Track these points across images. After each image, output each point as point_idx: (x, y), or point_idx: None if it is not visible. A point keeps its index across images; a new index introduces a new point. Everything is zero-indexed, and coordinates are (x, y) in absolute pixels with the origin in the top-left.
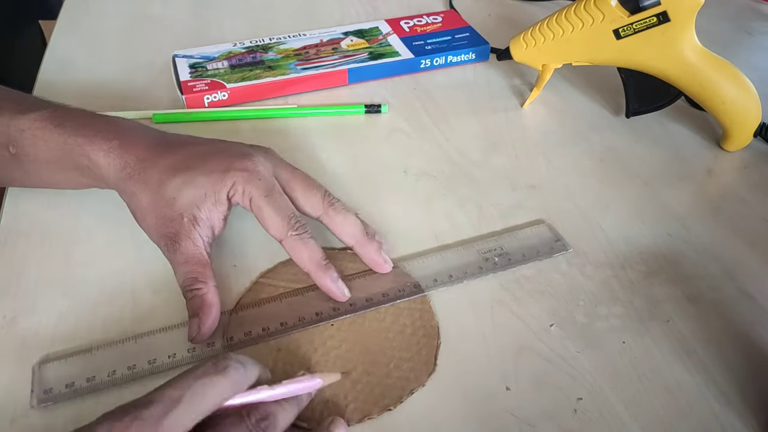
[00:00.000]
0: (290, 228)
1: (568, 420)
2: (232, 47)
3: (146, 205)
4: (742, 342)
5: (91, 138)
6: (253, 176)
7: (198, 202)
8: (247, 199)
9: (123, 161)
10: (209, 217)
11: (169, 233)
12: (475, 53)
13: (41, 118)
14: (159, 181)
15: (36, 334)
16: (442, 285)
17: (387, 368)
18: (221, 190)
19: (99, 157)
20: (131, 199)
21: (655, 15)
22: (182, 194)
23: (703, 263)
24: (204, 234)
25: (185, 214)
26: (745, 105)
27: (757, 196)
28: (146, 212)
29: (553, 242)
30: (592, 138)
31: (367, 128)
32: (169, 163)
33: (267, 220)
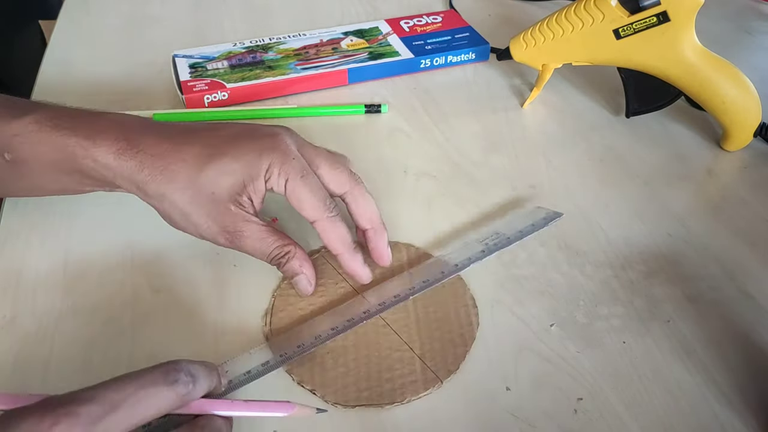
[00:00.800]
0: (326, 209)
1: (569, 420)
2: (232, 47)
3: (184, 206)
4: (742, 342)
5: (95, 138)
6: (288, 156)
7: (239, 189)
8: (283, 179)
9: (137, 161)
10: (251, 198)
11: (226, 227)
12: (475, 53)
13: (36, 120)
14: (189, 178)
15: (35, 333)
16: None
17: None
18: (258, 173)
19: (108, 160)
20: (161, 203)
21: (655, 15)
22: (220, 186)
23: (703, 263)
24: (253, 212)
25: (231, 204)
26: (745, 105)
27: (757, 196)
28: (188, 213)
29: (545, 213)
30: (592, 138)
31: (367, 128)
32: (193, 154)
33: (304, 202)
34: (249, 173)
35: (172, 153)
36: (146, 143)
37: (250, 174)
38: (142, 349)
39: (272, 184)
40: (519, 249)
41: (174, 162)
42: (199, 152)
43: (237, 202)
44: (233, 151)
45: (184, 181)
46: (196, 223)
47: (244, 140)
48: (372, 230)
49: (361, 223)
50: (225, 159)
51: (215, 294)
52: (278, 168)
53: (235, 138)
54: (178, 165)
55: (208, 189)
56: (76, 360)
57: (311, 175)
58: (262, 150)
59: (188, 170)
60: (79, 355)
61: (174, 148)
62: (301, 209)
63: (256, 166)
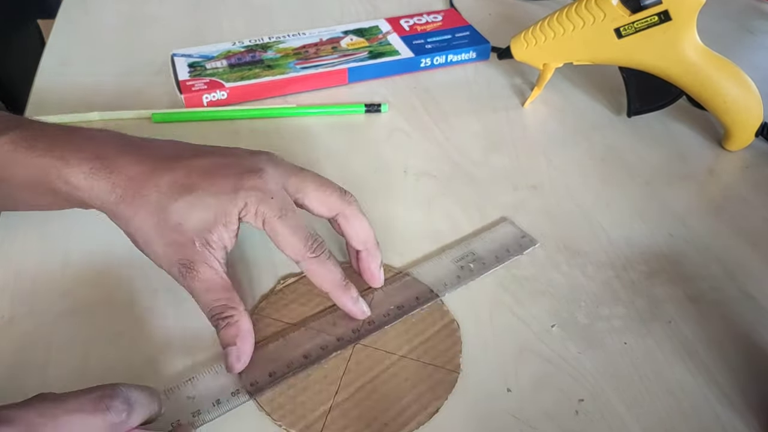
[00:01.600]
0: (308, 250)
1: (570, 421)
2: (231, 46)
3: (148, 230)
4: (743, 343)
5: (68, 158)
6: (266, 195)
7: (209, 226)
8: (260, 220)
9: (110, 183)
10: (221, 238)
11: (182, 260)
12: (476, 52)
13: (12, 140)
14: (159, 205)
15: (34, 334)
16: (425, 302)
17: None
18: (232, 211)
19: (79, 180)
20: (127, 224)
21: (656, 14)
22: (190, 218)
23: (704, 263)
24: (219, 256)
25: (197, 239)
26: (746, 104)
27: (758, 196)
28: (150, 239)
29: (520, 239)
30: (593, 137)
31: (367, 128)
32: (168, 182)
33: (283, 242)
34: (223, 210)
35: (147, 178)
36: (121, 164)
37: (224, 211)
38: (140, 350)
39: (249, 220)
40: None
41: (147, 188)
42: (174, 181)
43: (204, 240)
44: (209, 186)
45: (153, 207)
46: (155, 251)
47: (224, 174)
48: (365, 252)
49: (354, 245)
50: (199, 192)
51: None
52: (255, 207)
53: (213, 170)
54: (151, 191)
55: (176, 219)
56: (75, 360)
57: (291, 214)
58: (240, 188)
59: (160, 198)
60: (77, 355)
61: (150, 173)
62: (283, 249)
63: (231, 203)
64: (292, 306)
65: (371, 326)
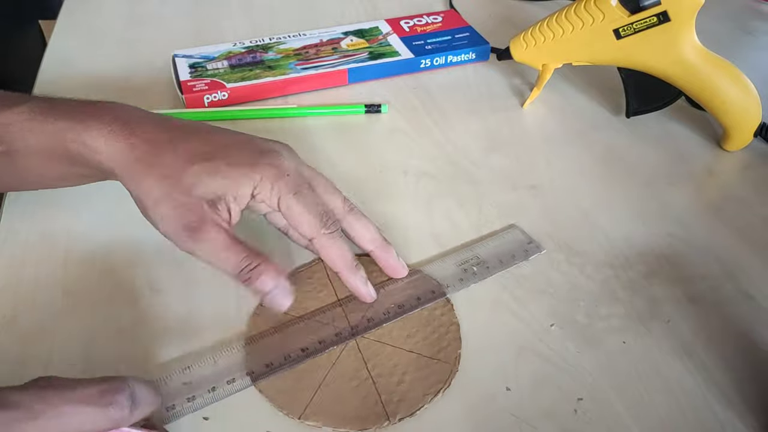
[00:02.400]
0: (323, 225)
1: (569, 420)
2: (232, 47)
3: (158, 192)
4: (742, 342)
5: (86, 122)
6: (281, 173)
7: (220, 193)
8: (275, 197)
9: (128, 143)
10: (228, 207)
11: (189, 223)
12: (476, 53)
13: (30, 109)
14: (174, 167)
15: (35, 333)
16: (427, 302)
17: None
18: (247, 183)
19: (98, 143)
20: (138, 185)
21: (655, 15)
22: (202, 183)
23: (703, 263)
24: (225, 218)
25: (205, 200)
26: (745, 105)
27: (757, 196)
28: (158, 201)
29: (526, 245)
30: (592, 138)
31: (367, 128)
32: (187, 149)
33: (298, 218)
34: (237, 181)
35: (165, 144)
36: (141, 129)
37: (238, 182)
38: (142, 348)
39: (263, 198)
40: None
41: (165, 153)
42: (193, 149)
43: (213, 203)
44: (226, 157)
45: (168, 170)
46: (162, 213)
47: (242, 150)
48: (377, 249)
49: (363, 246)
50: (216, 161)
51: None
52: (270, 183)
53: (232, 145)
54: (168, 156)
55: (189, 182)
56: (76, 359)
57: (306, 192)
58: (257, 163)
59: (176, 161)
60: (79, 354)
61: (169, 140)
62: (297, 226)
63: (246, 176)
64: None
65: (370, 323)
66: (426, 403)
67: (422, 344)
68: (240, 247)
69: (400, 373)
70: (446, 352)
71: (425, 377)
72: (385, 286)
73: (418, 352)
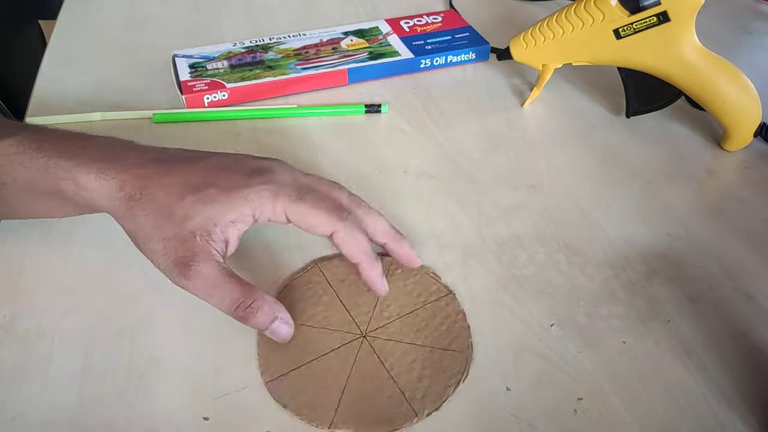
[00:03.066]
0: (340, 219)
1: (569, 420)
2: (232, 47)
3: (149, 227)
4: (742, 342)
5: (76, 158)
6: (279, 188)
7: (215, 220)
8: (281, 211)
9: (119, 181)
10: (224, 233)
11: (181, 258)
12: (475, 53)
13: (17, 143)
14: (165, 202)
15: (35, 333)
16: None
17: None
18: (243, 209)
19: (89, 180)
20: (131, 222)
21: (655, 15)
22: (196, 214)
23: (703, 263)
24: (219, 249)
25: (197, 232)
26: (745, 105)
27: (757, 196)
28: (149, 236)
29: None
30: (592, 138)
31: (367, 128)
32: (178, 182)
33: (310, 220)
34: (233, 206)
35: (155, 177)
36: (130, 164)
37: (234, 207)
38: (142, 349)
39: (268, 217)
40: (519, 249)
41: (154, 186)
42: (185, 182)
43: (207, 233)
44: (220, 184)
45: (159, 205)
46: (153, 248)
47: (234, 173)
48: (391, 241)
49: (376, 240)
50: (209, 190)
51: None
52: (271, 204)
53: (223, 170)
54: (157, 189)
55: (181, 214)
56: (76, 360)
57: (310, 193)
58: (251, 185)
59: (167, 196)
60: (78, 355)
61: (160, 173)
62: (314, 229)
63: (242, 199)
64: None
65: (380, 323)
66: (450, 395)
67: (433, 337)
68: (233, 284)
69: (419, 369)
70: (458, 342)
71: (443, 369)
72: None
73: (431, 345)
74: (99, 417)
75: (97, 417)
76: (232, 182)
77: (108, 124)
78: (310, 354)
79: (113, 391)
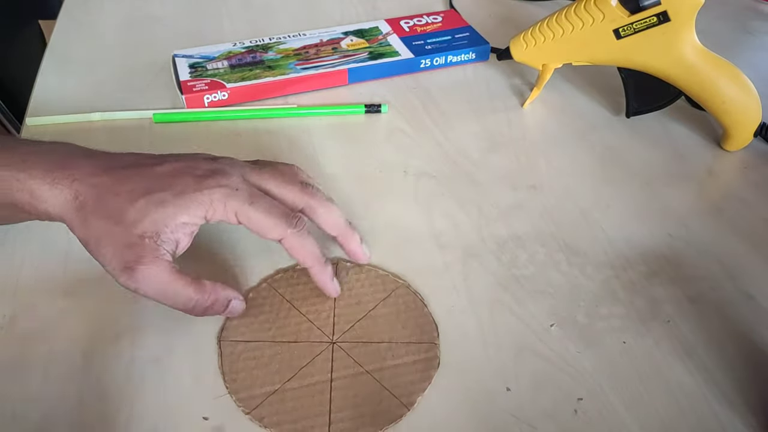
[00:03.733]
0: (289, 225)
1: (569, 420)
2: (232, 47)
3: (100, 233)
4: (742, 342)
5: (30, 169)
6: (231, 189)
7: (166, 221)
8: (232, 213)
9: (73, 191)
10: (174, 234)
11: (129, 260)
12: (475, 53)
13: None
14: (117, 209)
15: (35, 333)
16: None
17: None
18: (194, 210)
19: (43, 191)
20: (84, 229)
21: (655, 15)
22: (146, 217)
23: (703, 263)
24: (169, 249)
25: (146, 234)
26: (745, 105)
27: (757, 196)
28: (101, 241)
29: None
30: (592, 138)
31: (367, 128)
32: (131, 188)
33: (262, 226)
34: (184, 208)
35: (108, 185)
36: (84, 173)
37: (186, 209)
38: (142, 349)
39: (220, 217)
40: (519, 249)
41: (108, 194)
42: (134, 188)
43: (156, 235)
44: (170, 188)
45: (111, 211)
46: (103, 253)
47: (185, 176)
48: (341, 235)
49: (327, 231)
50: (160, 194)
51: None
52: (223, 204)
53: (175, 174)
54: (110, 197)
55: (132, 218)
56: (76, 360)
57: (261, 198)
58: (202, 187)
59: (119, 202)
60: (78, 355)
61: (113, 181)
62: (263, 233)
63: (194, 201)
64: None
65: (345, 328)
66: (429, 382)
67: (400, 331)
68: (183, 282)
69: (396, 363)
70: (426, 330)
71: (419, 359)
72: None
73: (401, 340)
74: (99, 417)
75: (97, 417)
76: (184, 185)
77: (108, 125)
78: (285, 372)
79: (113, 391)
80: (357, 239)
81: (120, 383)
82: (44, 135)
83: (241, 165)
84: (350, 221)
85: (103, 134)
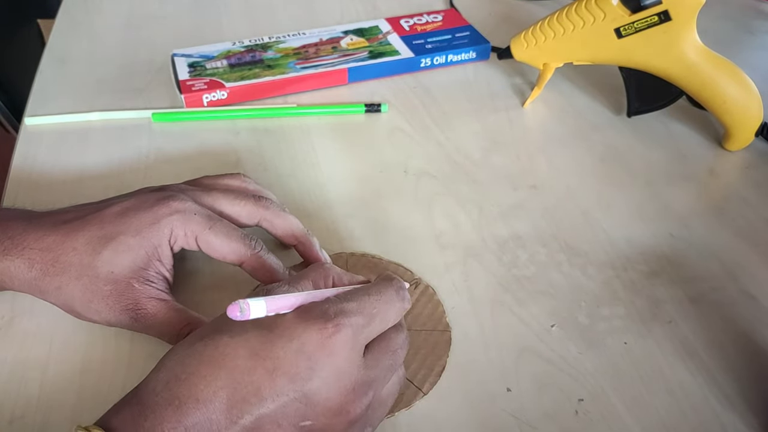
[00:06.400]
0: (248, 248)
1: (570, 421)
2: (231, 46)
3: (81, 293)
4: (744, 343)
5: None
6: (188, 214)
7: (143, 264)
8: (192, 238)
9: (26, 260)
10: (159, 272)
11: (128, 306)
12: (476, 52)
13: None
14: (82, 265)
15: (34, 334)
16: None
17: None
18: (161, 242)
19: None
20: (58, 296)
21: (656, 14)
22: (119, 263)
23: (705, 264)
24: (163, 287)
25: (133, 279)
26: (746, 104)
27: (758, 196)
28: (86, 300)
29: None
30: (593, 137)
31: (367, 127)
32: (84, 241)
33: (222, 250)
34: (151, 243)
35: (60, 244)
36: (32, 238)
37: (153, 244)
38: (140, 348)
39: (181, 245)
40: (520, 249)
41: (64, 252)
42: (90, 237)
43: (142, 278)
44: (127, 228)
45: (78, 268)
46: (97, 309)
47: (137, 213)
48: (300, 244)
49: (287, 242)
50: (120, 237)
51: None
52: (182, 230)
53: (125, 213)
54: (69, 255)
55: (106, 269)
56: (75, 360)
57: (219, 222)
58: (160, 218)
59: (81, 257)
60: (77, 355)
61: (62, 239)
62: (224, 257)
63: (156, 234)
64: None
65: None
66: (444, 367)
67: (416, 321)
68: (179, 323)
69: (411, 353)
70: (440, 319)
71: (432, 348)
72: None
73: (417, 328)
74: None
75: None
76: (140, 224)
77: (106, 124)
78: None
79: (113, 391)
80: (315, 247)
81: (120, 383)
82: (43, 135)
83: (190, 189)
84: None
85: (101, 134)
